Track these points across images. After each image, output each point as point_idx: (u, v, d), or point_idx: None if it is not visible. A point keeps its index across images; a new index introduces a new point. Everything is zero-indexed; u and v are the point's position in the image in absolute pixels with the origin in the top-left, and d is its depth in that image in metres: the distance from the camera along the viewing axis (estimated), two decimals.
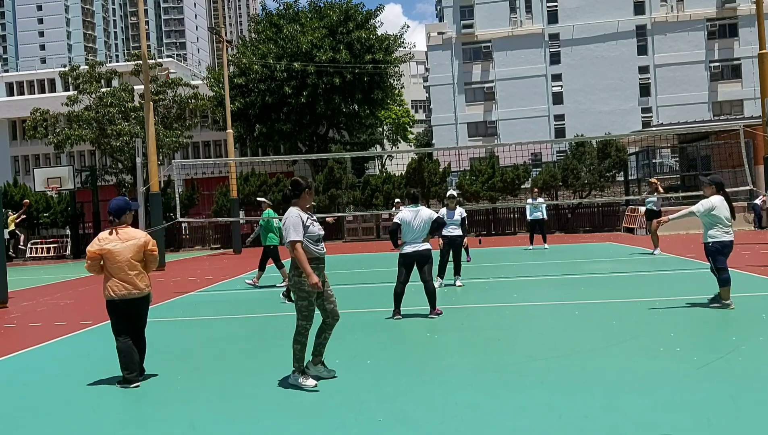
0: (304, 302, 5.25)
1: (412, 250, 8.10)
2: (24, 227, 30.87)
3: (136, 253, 5.74)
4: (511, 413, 4.37)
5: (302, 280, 5.17)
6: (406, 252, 8.17)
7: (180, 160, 20.72)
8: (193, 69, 55.69)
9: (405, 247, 8.19)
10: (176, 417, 4.68)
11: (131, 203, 5.95)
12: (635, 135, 26.16)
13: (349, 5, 33.94)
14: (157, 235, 18.16)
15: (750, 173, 14.84)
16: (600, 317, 7.68)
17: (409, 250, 8.13)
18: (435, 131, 51.62)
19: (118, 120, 27.79)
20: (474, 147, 30.27)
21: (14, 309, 11.30)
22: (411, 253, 8.12)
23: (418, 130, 61.73)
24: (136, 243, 5.77)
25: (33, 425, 4.69)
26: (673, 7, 48.78)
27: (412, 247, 8.10)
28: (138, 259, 5.77)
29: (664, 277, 11.40)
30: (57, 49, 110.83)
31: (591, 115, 48.53)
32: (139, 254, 5.77)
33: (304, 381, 5.21)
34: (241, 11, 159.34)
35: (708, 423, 3.98)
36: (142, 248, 5.78)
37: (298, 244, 5.16)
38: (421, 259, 8.13)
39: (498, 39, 50.26)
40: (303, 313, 5.27)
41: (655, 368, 5.26)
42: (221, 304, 10.63)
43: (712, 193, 7.83)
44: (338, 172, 29.19)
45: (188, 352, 6.95)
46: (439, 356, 6.17)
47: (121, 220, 5.83)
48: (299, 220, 5.23)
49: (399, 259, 8.28)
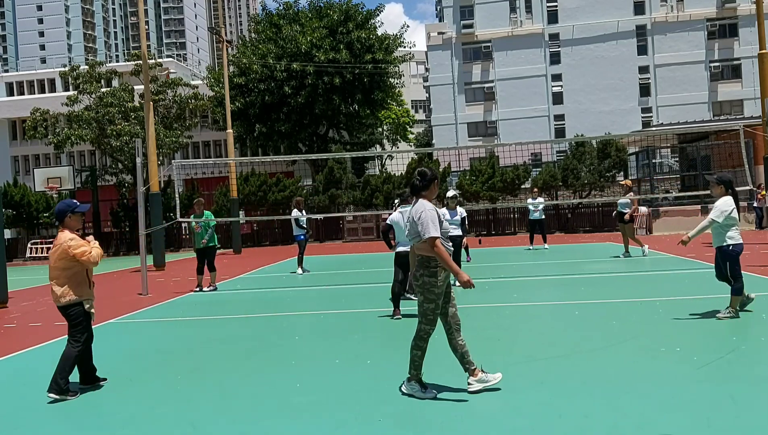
0: (431, 305, 4.76)
1: (403, 249, 8.21)
2: (24, 227, 30.91)
3: (55, 260, 5.35)
4: (511, 413, 4.36)
5: (434, 281, 4.70)
6: (398, 251, 8.35)
7: (180, 160, 20.71)
8: (193, 69, 55.69)
9: (398, 247, 8.39)
10: (176, 417, 4.68)
11: (72, 205, 5.48)
12: (635, 135, 26.16)
13: (349, 5, 33.95)
14: (157, 235, 18.19)
15: (750, 173, 14.83)
16: (600, 317, 7.68)
17: (401, 250, 8.28)
18: (435, 131, 51.62)
19: (118, 120, 27.79)
20: (474, 147, 30.25)
21: (14, 309, 11.30)
22: (403, 253, 8.23)
23: (418, 130, 61.72)
24: (55, 250, 5.34)
25: (33, 425, 4.69)
26: (673, 7, 48.78)
27: (404, 247, 8.16)
28: (58, 267, 5.34)
29: (663, 277, 11.40)
30: (57, 49, 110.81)
31: (591, 115, 48.54)
32: (58, 262, 5.33)
33: (423, 392, 4.80)
34: (241, 11, 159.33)
35: (708, 423, 3.98)
36: (61, 255, 5.30)
37: (438, 241, 4.64)
38: None
39: (498, 39, 50.26)
40: (428, 317, 4.79)
41: (655, 368, 5.26)
42: (221, 304, 10.63)
43: (722, 193, 7.30)
44: (338, 172, 29.19)
45: (188, 352, 6.95)
46: (439, 356, 6.16)
47: (65, 224, 5.42)
48: (436, 215, 4.75)
49: (394, 259, 8.44)
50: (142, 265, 12.66)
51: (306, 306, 10.29)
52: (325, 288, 12.30)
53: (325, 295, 11.50)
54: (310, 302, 10.75)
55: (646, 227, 22.88)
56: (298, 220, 14.93)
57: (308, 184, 32.56)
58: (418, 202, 4.86)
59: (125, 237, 29.90)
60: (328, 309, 9.72)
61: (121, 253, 29.43)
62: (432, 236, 4.62)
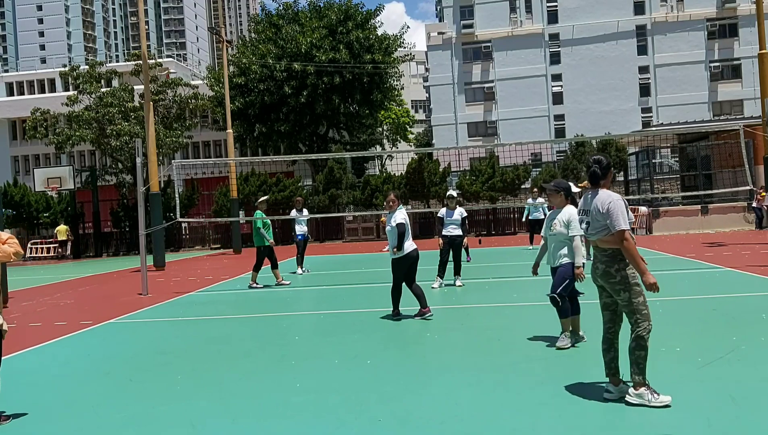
0: (639, 298, 4.36)
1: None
2: (24, 227, 30.92)
3: None
4: (511, 413, 4.36)
5: (632, 273, 4.38)
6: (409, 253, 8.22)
7: (180, 160, 20.72)
8: (193, 69, 55.67)
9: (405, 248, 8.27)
10: (176, 417, 4.68)
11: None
12: (635, 135, 26.16)
13: (349, 5, 33.94)
14: (157, 235, 18.19)
15: (750, 173, 14.83)
16: (599, 317, 7.65)
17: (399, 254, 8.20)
18: (435, 131, 51.61)
19: (118, 120, 27.79)
20: (474, 147, 30.24)
21: (14, 309, 11.29)
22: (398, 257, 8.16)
23: (418, 130, 61.72)
24: None
25: (33, 425, 4.69)
26: (673, 7, 48.77)
27: None
28: None
29: (663, 277, 11.37)
30: (57, 49, 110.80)
31: (591, 115, 48.53)
32: None
33: (656, 397, 4.30)
34: (241, 11, 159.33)
35: (708, 423, 3.98)
36: None
37: (628, 234, 4.31)
38: (405, 261, 8.11)
39: (498, 39, 50.25)
40: (643, 312, 4.36)
41: (655, 368, 5.25)
42: (221, 304, 10.63)
43: (561, 202, 6.38)
44: (338, 172, 29.19)
45: (188, 352, 6.95)
46: (439, 356, 6.16)
47: None
48: (624, 205, 4.39)
49: (396, 262, 8.38)
50: (142, 265, 12.67)
51: (306, 306, 10.29)
52: (325, 288, 12.30)
53: (325, 295, 11.50)
54: (310, 302, 10.75)
55: (646, 227, 22.88)
56: (296, 220, 15.12)
57: (308, 184, 32.57)
58: (600, 193, 4.50)
59: (125, 237, 29.90)
60: (328, 309, 9.72)
61: (121, 253, 29.44)
62: (622, 229, 4.30)
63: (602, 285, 4.59)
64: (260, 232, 12.39)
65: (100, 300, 12.02)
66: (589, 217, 4.51)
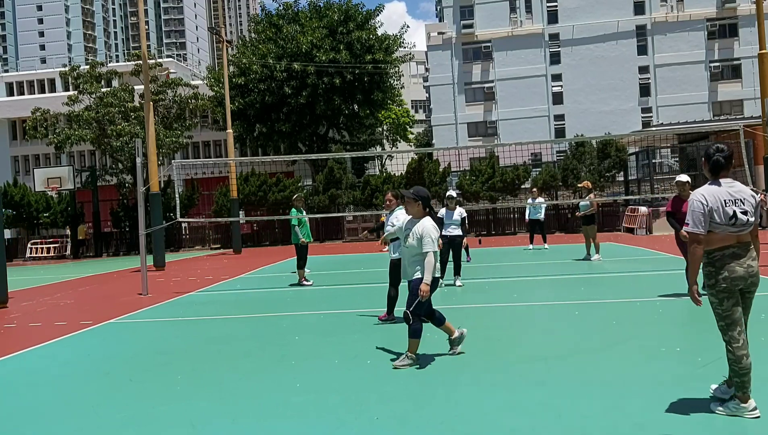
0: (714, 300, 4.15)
1: None
2: (24, 228, 30.91)
3: None
4: (511, 413, 4.36)
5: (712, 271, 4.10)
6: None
7: (180, 160, 20.73)
8: (193, 69, 55.67)
9: None
10: (176, 417, 4.68)
11: None
12: (635, 135, 26.17)
13: (349, 5, 33.95)
14: (157, 235, 18.19)
15: (750, 173, 14.83)
16: (600, 317, 7.68)
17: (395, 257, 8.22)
18: (435, 131, 51.62)
19: (118, 120, 27.80)
20: (474, 147, 30.24)
21: (14, 309, 11.30)
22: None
23: (418, 130, 61.71)
24: None
25: (33, 425, 4.69)
26: (673, 7, 48.77)
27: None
28: None
29: (663, 277, 11.39)
30: (57, 49, 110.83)
31: (591, 115, 48.54)
32: None
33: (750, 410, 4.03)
34: (241, 11, 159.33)
35: (708, 423, 3.98)
36: None
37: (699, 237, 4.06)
38: None
39: (498, 39, 50.26)
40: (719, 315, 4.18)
41: (655, 368, 5.26)
42: (221, 304, 10.63)
43: (419, 212, 5.76)
44: (338, 172, 29.19)
45: (188, 352, 6.95)
46: (438, 356, 6.16)
47: None
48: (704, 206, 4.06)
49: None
50: (142, 265, 12.67)
51: (306, 306, 10.29)
52: (325, 288, 12.30)
53: (325, 295, 11.50)
54: (310, 302, 10.74)
55: (646, 227, 22.88)
56: None
57: (308, 184, 32.56)
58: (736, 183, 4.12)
59: (125, 237, 29.90)
60: (328, 309, 9.72)
61: (121, 253, 29.44)
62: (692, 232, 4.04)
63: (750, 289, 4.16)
64: (295, 230, 12.39)
65: (100, 300, 12.02)
66: (746, 205, 4.03)
